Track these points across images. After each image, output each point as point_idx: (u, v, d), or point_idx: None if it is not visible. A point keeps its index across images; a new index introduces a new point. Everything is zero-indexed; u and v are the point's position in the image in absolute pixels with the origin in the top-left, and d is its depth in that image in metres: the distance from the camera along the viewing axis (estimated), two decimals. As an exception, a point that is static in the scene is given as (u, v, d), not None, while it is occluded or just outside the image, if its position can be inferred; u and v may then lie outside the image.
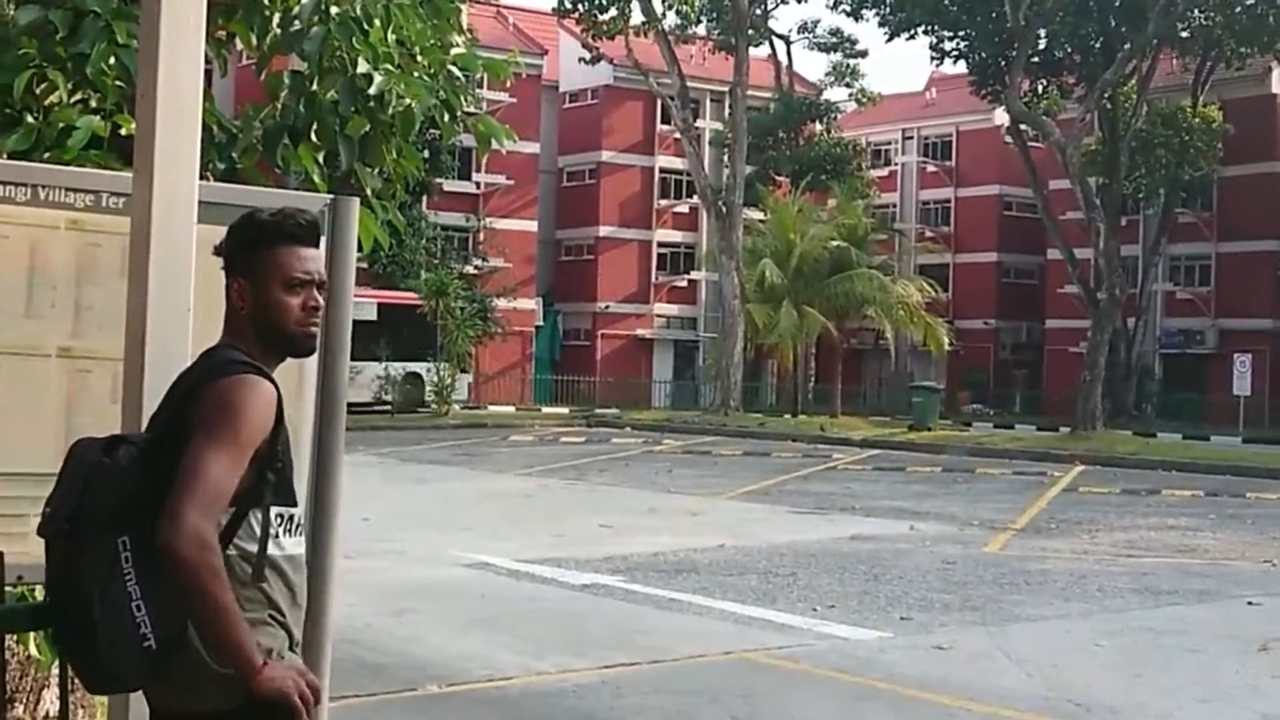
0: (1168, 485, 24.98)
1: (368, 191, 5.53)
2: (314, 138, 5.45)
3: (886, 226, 60.01)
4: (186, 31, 3.75)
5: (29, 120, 5.02)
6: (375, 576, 12.82)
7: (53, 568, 3.10)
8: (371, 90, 5.31)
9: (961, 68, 52.52)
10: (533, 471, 26.01)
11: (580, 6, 48.37)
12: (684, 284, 67.35)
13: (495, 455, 30.29)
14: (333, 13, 5.31)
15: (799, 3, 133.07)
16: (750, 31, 50.30)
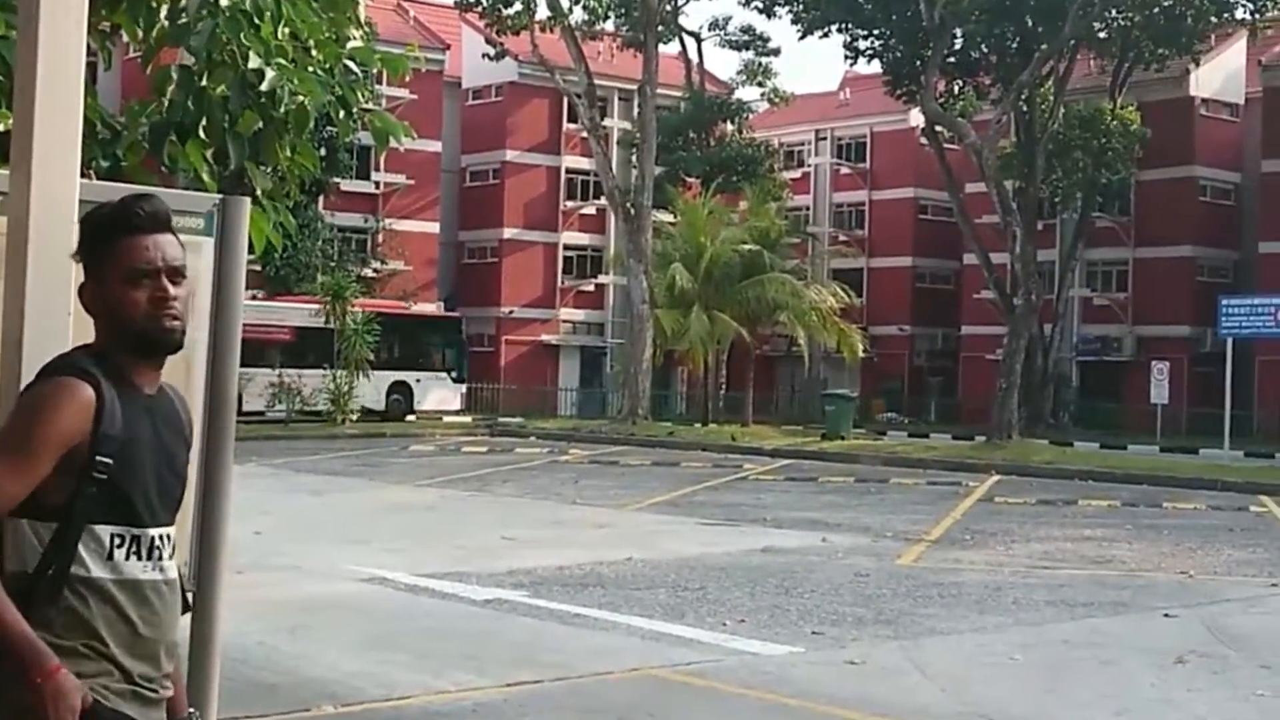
0: (1084, 495, 25.31)
1: (259, 191, 5.49)
2: (203, 135, 5.40)
3: (800, 230, 60.36)
4: (67, 23, 3.70)
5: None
6: (267, 592, 12.70)
7: None
8: (263, 86, 5.27)
9: (876, 67, 52.95)
10: (433, 482, 25.90)
11: (484, 1, 48.24)
12: (591, 288, 67.34)
13: (394, 465, 30.13)
14: (222, 5, 5.26)
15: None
16: (660, 28, 50.44)
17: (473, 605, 12.54)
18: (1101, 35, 51.04)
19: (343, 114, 5.90)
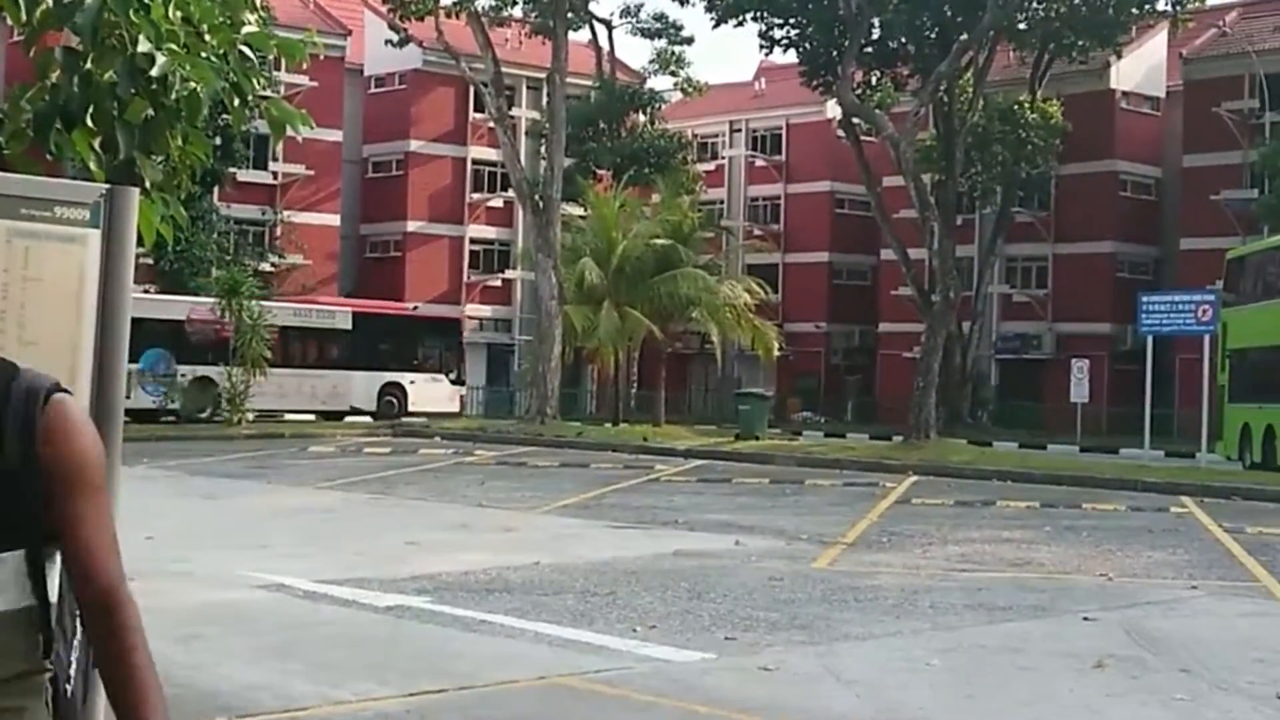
0: (1003, 496, 25.56)
1: (148, 182, 5.43)
2: (90, 122, 5.33)
3: (713, 224, 60.57)
4: (-56, 4, 3.65)
5: None
6: (159, 600, 12.57)
7: None
8: (153, 71, 5.20)
9: (792, 57, 53.21)
10: (334, 485, 25.75)
11: (387, -16, 48.04)
12: (498, 284, 67.27)
13: (293, 467, 29.92)
14: (111, -16, 5.20)
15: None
16: (569, 15, 50.38)
17: (375, 612, 12.47)
18: (1022, 26, 51.61)
19: (237, 102, 5.84)
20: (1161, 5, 49.24)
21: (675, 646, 11.09)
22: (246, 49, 5.85)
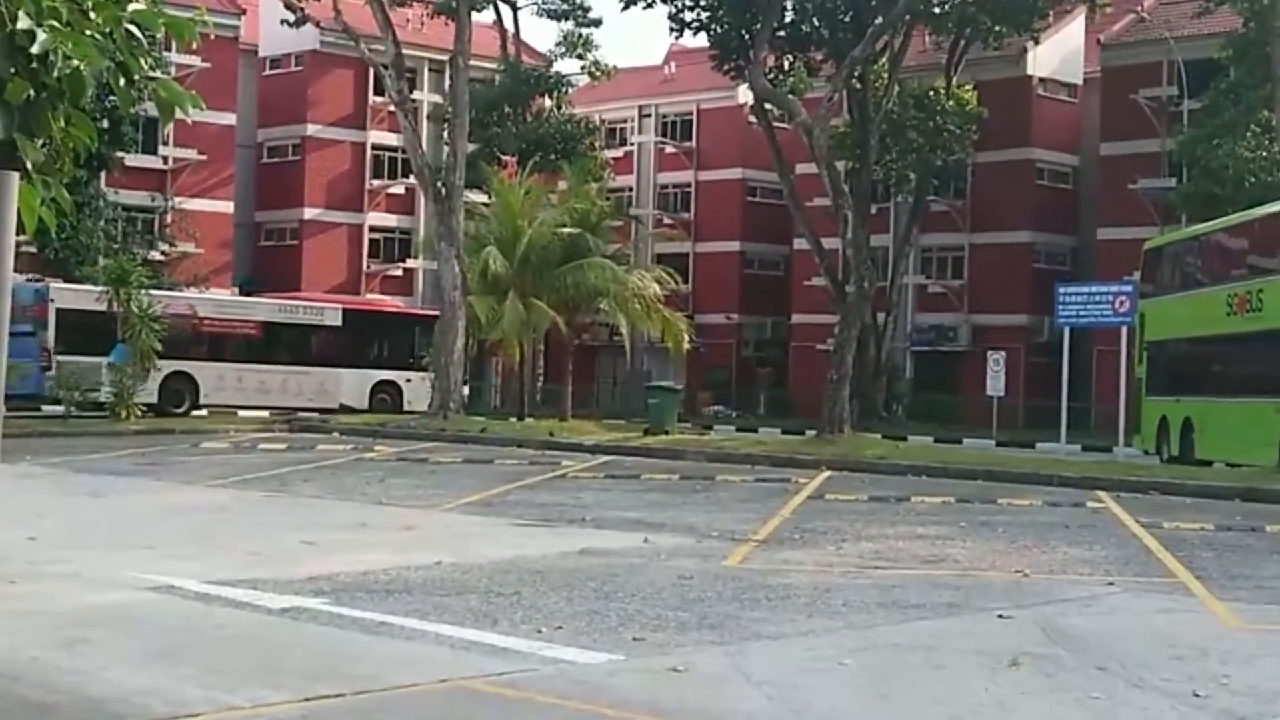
0: (917, 491, 25.75)
1: (29, 165, 5.37)
2: (-33, 103, 5.27)
3: (622, 212, 60.68)
4: None
5: None
6: (42, 602, 12.43)
7: None
8: (34, 49, 5.15)
9: (702, 40, 53.39)
10: (227, 482, 25.54)
11: (282, -38, 47.68)
12: (399, 273, 67.02)
13: (185, 464, 29.66)
14: (-12, -41, 5.14)
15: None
16: (473, -5, 50.22)
17: (269, 614, 12.38)
18: (937, 10, 52.06)
19: (123, 82, 5.79)
20: (1079, -10, 49.83)
21: (581, 648, 11.09)
22: (134, 27, 5.80)
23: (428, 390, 46.56)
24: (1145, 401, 37.40)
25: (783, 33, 50.38)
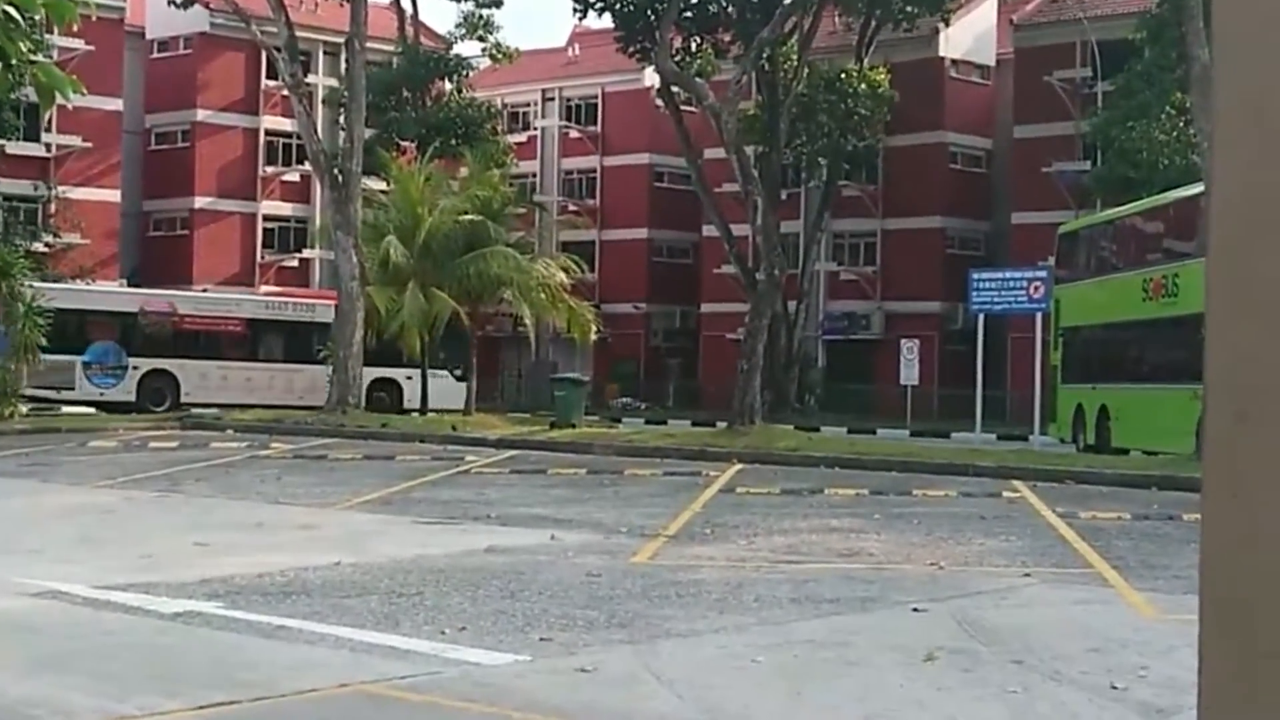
0: (831, 484, 25.87)
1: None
2: None
3: (526, 198, 60.52)
4: None
5: None
6: (-78, 610, 12.27)
7: None
8: (-95, 33, 5.07)
9: (607, 21, 53.38)
10: (116, 482, 25.30)
11: (169, -60, 47.21)
12: (295, 263, 66.58)
13: (71, 464, 29.33)
14: None
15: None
16: (369, -25, 49.88)
17: (161, 619, 12.29)
18: (847, -10, 52.24)
19: (1, 67, 5.72)
20: (991, -31, 50.27)
21: (487, 649, 11.09)
22: (11, 9, 5.73)
23: (433, 387, 46.42)
24: (1061, 389, 37.74)
25: (689, 13, 50.46)
